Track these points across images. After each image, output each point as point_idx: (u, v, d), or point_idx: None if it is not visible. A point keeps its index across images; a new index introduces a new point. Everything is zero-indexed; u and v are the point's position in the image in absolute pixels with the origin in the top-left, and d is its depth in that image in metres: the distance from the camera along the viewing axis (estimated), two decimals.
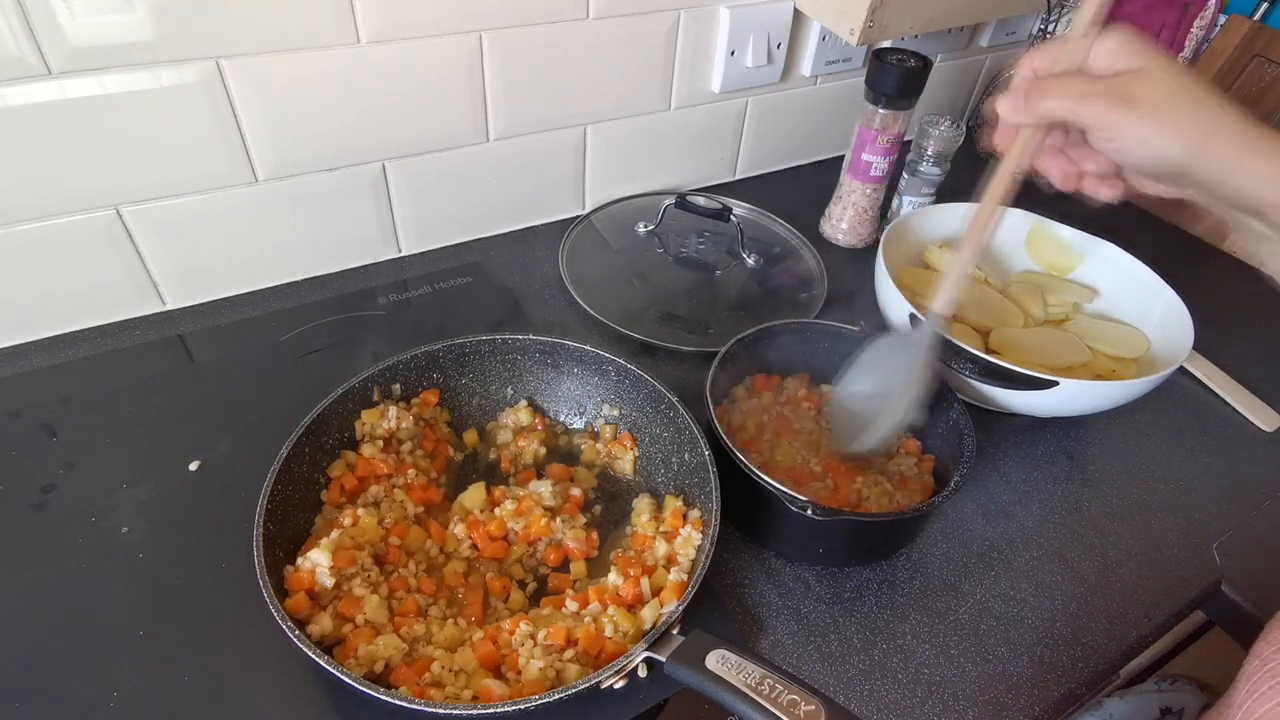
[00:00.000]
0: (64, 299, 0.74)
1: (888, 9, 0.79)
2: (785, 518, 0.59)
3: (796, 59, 1.00)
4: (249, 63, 0.68)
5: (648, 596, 0.56)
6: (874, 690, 0.57)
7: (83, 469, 0.64)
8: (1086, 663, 0.60)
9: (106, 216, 0.70)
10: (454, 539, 0.61)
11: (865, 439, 0.63)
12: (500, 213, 0.93)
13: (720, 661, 0.47)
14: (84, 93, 0.63)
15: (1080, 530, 0.69)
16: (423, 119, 0.80)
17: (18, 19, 0.58)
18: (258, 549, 0.52)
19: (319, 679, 0.52)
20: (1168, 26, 1.05)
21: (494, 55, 0.79)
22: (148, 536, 0.60)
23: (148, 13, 0.62)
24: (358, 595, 0.54)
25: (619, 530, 0.64)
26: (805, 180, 1.11)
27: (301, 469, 0.59)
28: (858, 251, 1.00)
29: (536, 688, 0.50)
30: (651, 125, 0.95)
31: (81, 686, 0.51)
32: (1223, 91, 0.47)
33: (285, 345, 0.77)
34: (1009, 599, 0.64)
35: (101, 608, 0.55)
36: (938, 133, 0.93)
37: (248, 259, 0.81)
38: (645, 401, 0.68)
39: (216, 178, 0.73)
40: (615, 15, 0.83)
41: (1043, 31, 1.04)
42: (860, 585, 0.63)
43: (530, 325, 0.82)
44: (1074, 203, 0.59)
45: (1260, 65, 1.01)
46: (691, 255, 0.94)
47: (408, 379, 0.68)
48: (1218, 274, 1.03)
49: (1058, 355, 0.77)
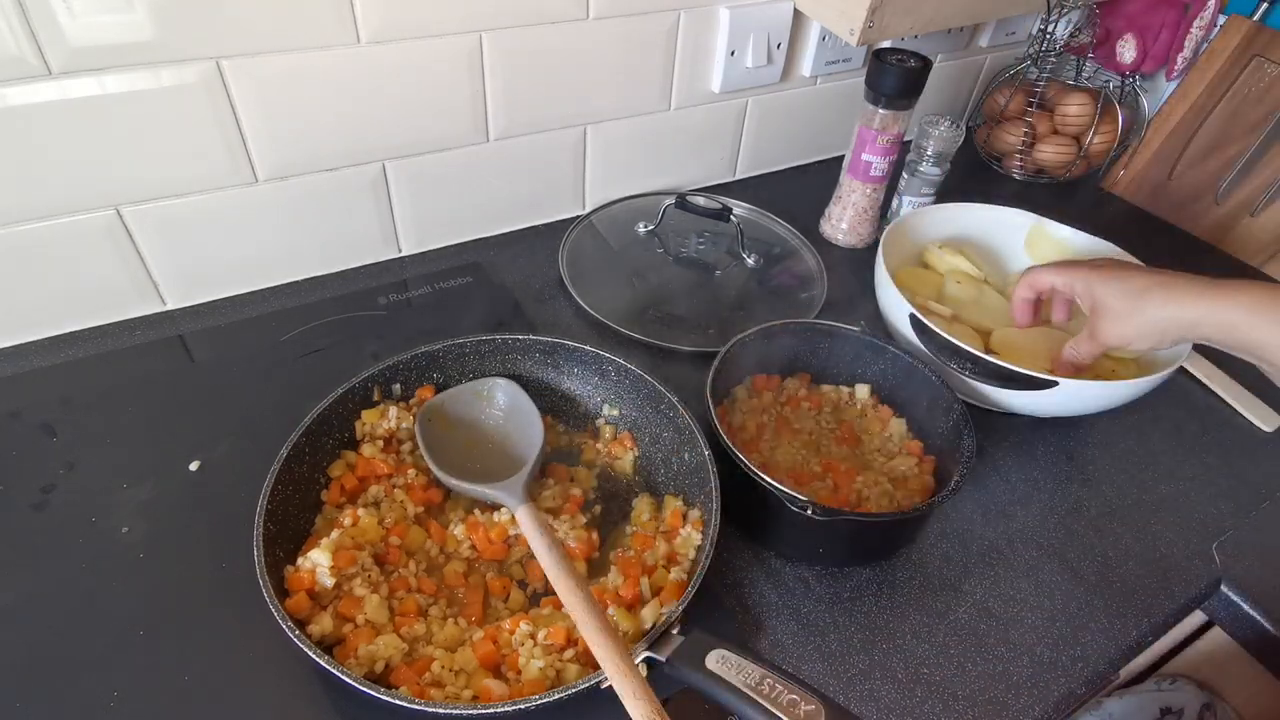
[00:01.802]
0: (64, 299, 0.74)
1: (888, 9, 0.79)
2: (785, 518, 0.59)
3: (796, 59, 1.00)
4: (249, 63, 0.68)
5: (648, 596, 0.56)
6: (874, 690, 0.57)
7: (83, 469, 0.64)
8: (1086, 663, 0.60)
9: (106, 216, 0.70)
10: (454, 539, 0.61)
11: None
12: (500, 213, 0.93)
13: (720, 661, 0.47)
14: (84, 93, 0.63)
15: (1080, 530, 0.69)
16: (423, 119, 0.80)
17: (18, 19, 0.58)
18: (258, 549, 0.52)
19: (319, 679, 0.52)
20: (1167, 26, 1.05)
21: (494, 55, 0.79)
22: (148, 536, 0.60)
23: (148, 13, 0.62)
24: (358, 595, 0.54)
25: (619, 530, 0.64)
26: (805, 180, 1.11)
27: (301, 469, 0.59)
28: (858, 251, 1.00)
29: (536, 688, 0.50)
30: (651, 125, 0.95)
31: (81, 686, 0.51)
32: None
33: (285, 345, 0.77)
34: (1009, 599, 0.64)
35: (101, 608, 0.55)
36: (938, 133, 0.93)
37: (248, 259, 0.81)
38: (645, 401, 0.68)
39: (216, 178, 0.73)
40: (615, 15, 0.83)
41: (1042, 31, 1.04)
42: (860, 585, 0.63)
43: (530, 325, 0.82)
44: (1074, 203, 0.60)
45: (1260, 65, 1.01)
46: (691, 255, 0.94)
47: (408, 379, 0.68)
48: (1218, 274, 1.02)
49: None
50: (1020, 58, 1.12)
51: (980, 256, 0.88)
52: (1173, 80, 1.12)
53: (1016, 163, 1.14)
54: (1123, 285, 0.59)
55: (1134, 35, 1.07)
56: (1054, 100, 1.11)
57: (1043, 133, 1.12)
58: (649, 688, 0.45)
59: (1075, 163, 1.11)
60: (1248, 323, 0.54)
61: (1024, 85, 1.11)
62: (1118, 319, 0.59)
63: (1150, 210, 1.12)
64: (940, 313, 0.80)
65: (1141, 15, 1.06)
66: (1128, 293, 0.58)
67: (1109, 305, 0.59)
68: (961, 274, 0.84)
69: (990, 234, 0.90)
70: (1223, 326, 0.55)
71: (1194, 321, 0.56)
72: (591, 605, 0.49)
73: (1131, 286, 0.58)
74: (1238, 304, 0.54)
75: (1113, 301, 0.59)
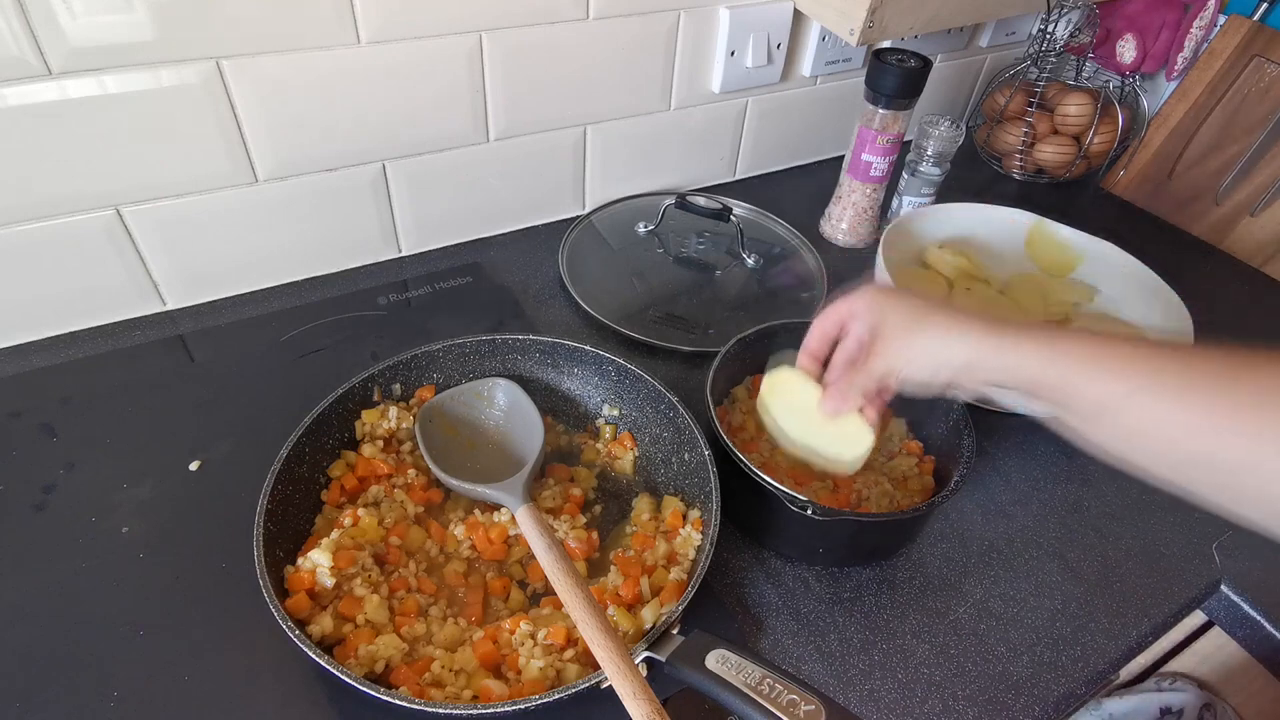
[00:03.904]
0: (64, 299, 0.74)
1: (888, 9, 0.79)
2: (785, 518, 0.59)
3: (796, 59, 1.00)
4: (249, 63, 0.68)
5: (647, 596, 0.56)
6: (874, 690, 0.57)
7: (83, 469, 0.64)
8: (1086, 662, 0.60)
9: (106, 216, 0.70)
10: (454, 539, 0.61)
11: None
12: (500, 213, 0.93)
13: (720, 661, 0.47)
14: (84, 93, 0.63)
15: (1080, 530, 0.69)
16: (422, 119, 0.80)
17: (18, 19, 0.58)
18: (258, 549, 0.52)
19: (319, 679, 0.52)
20: (1168, 26, 1.05)
21: (494, 55, 0.79)
22: (148, 536, 0.60)
23: (148, 13, 0.62)
24: (358, 595, 0.54)
25: (619, 530, 0.64)
26: (805, 180, 1.11)
27: (301, 469, 0.59)
28: (858, 251, 1.00)
29: (536, 688, 0.50)
30: (651, 125, 0.95)
31: (81, 686, 0.51)
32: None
33: (285, 345, 0.77)
34: (1009, 599, 0.64)
35: (101, 608, 0.55)
36: (938, 133, 0.93)
37: (248, 259, 0.81)
38: (645, 401, 0.68)
39: (216, 178, 0.73)
40: (615, 15, 0.83)
41: (1042, 31, 1.04)
42: (860, 585, 0.63)
43: (530, 325, 0.82)
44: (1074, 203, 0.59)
45: (1260, 65, 1.01)
46: (691, 255, 0.94)
47: (408, 379, 0.68)
48: (1218, 274, 1.03)
49: None
50: (1020, 58, 1.12)
51: (980, 256, 0.88)
52: (1173, 80, 1.11)
53: (1016, 163, 1.14)
54: (908, 305, 0.53)
55: (1134, 35, 1.07)
56: (1054, 100, 1.11)
57: (1043, 133, 1.12)
58: (649, 688, 0.45)
59: (1075, 163, 1.11)
60: (1038, 366, 0.47)
61: (1024, 85, 1.11)
62: (895, 339, 0.53)
63: (1150, 210, 1.12)
64: None
65: (1141, 15, 1.06)
66: (912, 312, 0.53)
67: (890, 324, 0.53)
68: (972, 280, 0.84)
69: (990, 234, 0.90)
70: (1007, 369, 0.48)
71: (974, 360, 0.50)
72: (591, 605, 0.49)
73: (916, 308, 0.53)
74: (1026, 343, 0.48)
75: (895, 320, 0.53)
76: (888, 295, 0.55)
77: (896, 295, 0.55)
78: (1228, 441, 0.40)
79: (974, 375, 0.50)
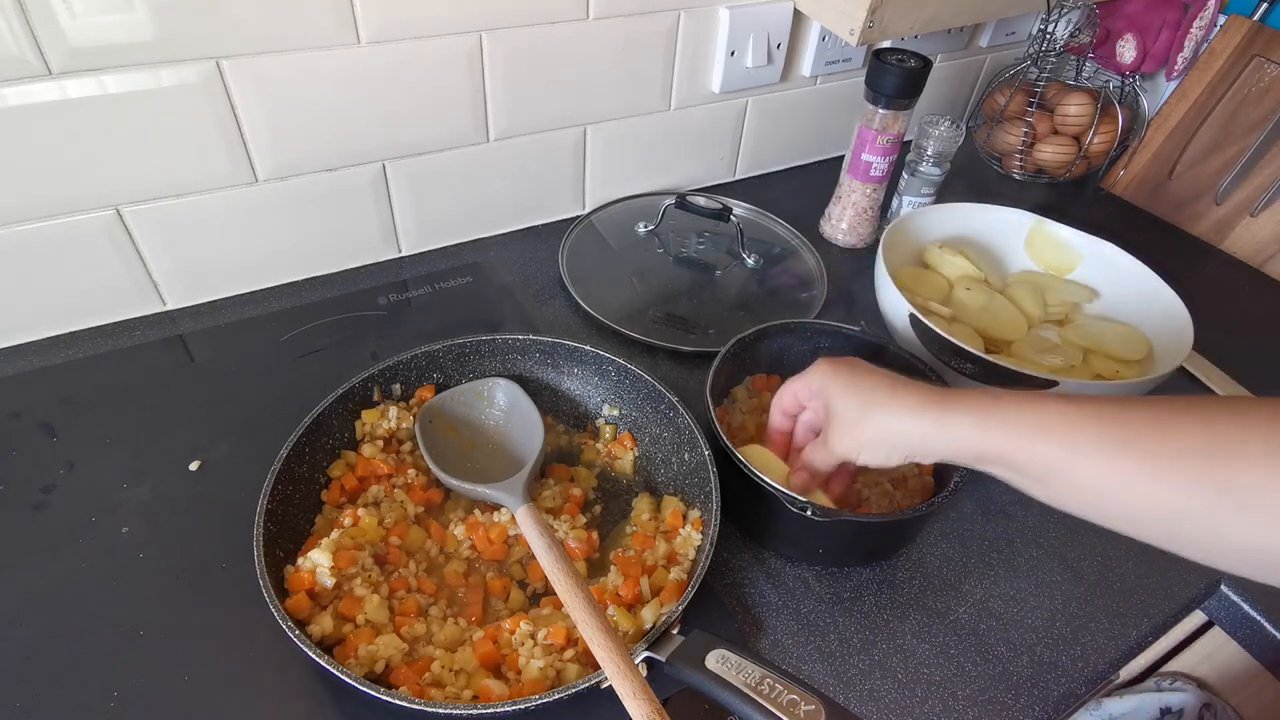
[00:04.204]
0: (64, 299, 0.74)
1: (888, 9, 0.79)
2: (785, 518, 0.59)
3: (796, 59, 1.00)
4: (249, 63, 0.68)
5: (647, 596, 0.56)
6: (874, 690, 0.57)
7: (83, 469, 0.64)
8: (1086, 662, 0.60)
9: (106, 216, 0.70)
10: (454, 539, 0.61)
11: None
12: (500, 213, 0.93)
13: (720, 661, 0.47)
14: (84, 93, 0.63)
15: (1080, 530, 0.69)
16: (423, 119, 0.80)
17: (18, 19, 0.58)
18: (258, 549, 0.52)
19: (319, 679, 0.52)
20: (1168, 26, 1.05)
21: (494, 55, 0.79)
22: (148, 536, 0.60)
23: (148, 13, 0.62)
24: (358, 595, 0.54)
25: (619, 530, 0.64)
26: (805, 180, 1.11)
27: (301, 469, 0.60)
28: (858, 251, 1.00)
29: (536, 688, 0.50)
30: (651, 125, 0.95)
31: (81, 686, 0.51)
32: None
33: (285, 345, 0.77)
34: (1009, 599, 0.64)
35: (101, 608, 0.55)
36: (938, 133, 0.93)
37: (248, 259, 0.81)
38: (645, 401, 0.68)
39: (217, 178, 0.73)
40: (615, 15, 0.83)
41: (1042, 31, 1.04)
42: (860, 585, 0.63)
43: (530, 325, 0.82)
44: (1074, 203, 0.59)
45: (1260, 65, 1.01)
46: (691, 255, 0.94)
47: (408, 379, 0.68)
48: (1218, 274, 1.03)
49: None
50: (1020, 58, 1.12)
51: (980, 256, 0.88)
52: (1173, 80, 1.11)
53: (1016, 163, 1.14)
54: (855, 389, 0.53)
55: (1134, 35, 1.07)
56: (1054, 100, 1.11)
57: (1043, 133, 1.12)
58: (649, 688, 0.45)
59: (1075, 163, 1.11)
60: (977, 436, 0.47)
61: (1024, 85, 1.11)
62: (846, 426, 0.53)
63: (1150, 210, 1.12)
64: (940, 313, 0.80)
65: (1141, 15, 1.06)
66: (859, 396, 0.53)
67: (838, 411, 0.53)
68: (972, 280, 0.84)
69: (990, 234, 0.90)
70: (952, 442, 0.48)
71: (921, 437, 0.50)
72: (591, 605, 0.49)
73: (862, 390, 0.53)
74: (964, 416, 0.48)
75: (842, 406, 0.53)
76: (835, 377, 0.54)
77: (845, 376, 0.54)
78: (1164, 494, 0.41)
79: (927, 451, 0.50)
